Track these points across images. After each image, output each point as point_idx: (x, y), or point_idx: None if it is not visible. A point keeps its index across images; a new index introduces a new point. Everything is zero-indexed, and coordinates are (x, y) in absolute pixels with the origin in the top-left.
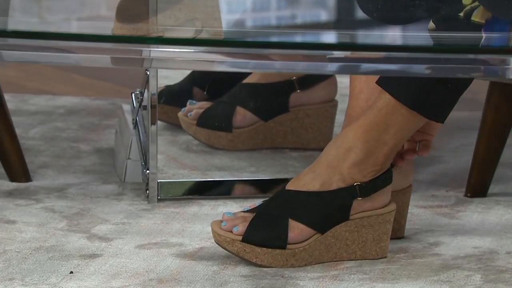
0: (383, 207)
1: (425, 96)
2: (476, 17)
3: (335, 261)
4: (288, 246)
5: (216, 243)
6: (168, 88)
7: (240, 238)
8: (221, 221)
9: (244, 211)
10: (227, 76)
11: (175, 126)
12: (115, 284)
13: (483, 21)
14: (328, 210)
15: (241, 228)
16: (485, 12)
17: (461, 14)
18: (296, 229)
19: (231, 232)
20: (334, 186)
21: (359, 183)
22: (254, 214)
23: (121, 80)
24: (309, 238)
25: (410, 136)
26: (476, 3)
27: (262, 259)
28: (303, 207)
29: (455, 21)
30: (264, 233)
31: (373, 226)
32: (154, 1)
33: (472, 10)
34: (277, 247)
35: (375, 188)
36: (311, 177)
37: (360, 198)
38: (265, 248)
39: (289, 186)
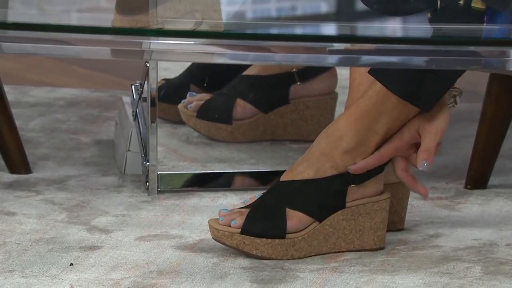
0: (377, 195)
1: (416, 85)
2: (476, 4)
3: (334, 252)
4: (287, 236)
5: (215, 239)
6: (165, 85)
7: (239, 230)
8: (218, 218)
9: (241, 208)
10: (225, 70)
11: (172, 122)
12: (115, 276)
13: (483, 7)
14: (324, 197)
15: (239, 221)
16: None
17: (461, 1)
18: (295, 217)
19: (230, 226)
20: (328, 173)
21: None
22: (251, 208)
23: (121, 72)
24: (307, 227)
25: (401, 125)
26: None
27: (262, 250)
28: (299, 195)
29: (455, 9)
30: (263, 224)
31: (369, 213)
32: None
33: None
34: (276, 237)
35: (369, 175)
36: (305, 166)
37: (353, 185)
38: (264, 239)
39: (284, 177)
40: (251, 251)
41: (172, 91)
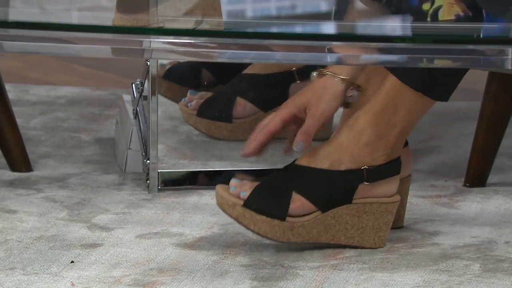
0: (387, 197)
1: (429, 77)
2: (443, 17)
3: (333, 244)
4: (288, 219)
5: (218, 205)
6: (177, 66)
7: (242, 202)
8: (228, 186)
9: (253, 180)
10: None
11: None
12: (116, 274)
13: (453, 17)
14: (332, 189)
15: (248, 193)
16: (451, 8)
17: (428, 19)
18: (298, 202)
19: (238, 197)
20: (343, 167)
21: (367, 167)
22: (259, 183)
23: (121, 70)
24: (309, 214)
25: (420, 117)
26: (437, 5)
27: (259, 227)
28: (308, 183)
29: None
30: (266, 201)
31: (374, 214)
32: None
33: (436, 12)
34: (276, 217)
35: (383, 175)
36: (321, 155)
37: (366, 183)
38: (264, 217)
39: (300, 161)
40: (249, 225)
41: (183, 73)
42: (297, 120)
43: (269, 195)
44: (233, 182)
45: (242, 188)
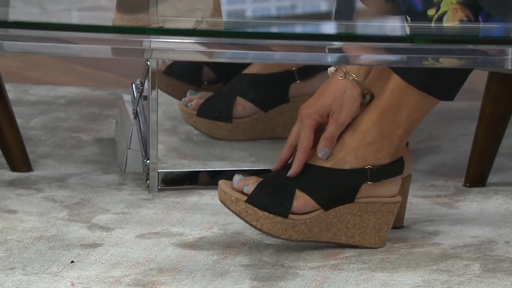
0: (390, 197)
1: (433, 76)
2: (448, 22)
3: (334, 243)
4: (290, 216)
5: (220, 201)
6: (179, 62)
7: (245, 198)
8: (231, 182)
9: (259, 176)
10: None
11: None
12: (116, 273)
13: (457, 22)
14: (335, 188)
15: (251, 188)
16: (456, 14)
17: (432, 24)
18: (302, 199)
19: (242, 192)
20: (346, 166)
21: (370, 167)
22: (263, 179)
23: (121, 70)
24: (312, 212)
25: (424, 116)
26: (442, 10)
27: (262, 223)
28: (312, 180)
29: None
30: (270, 198)
31: (376, 213)
32: None
33: (441, 17)
34: (279, 214)
35: (385, 175)
36: None
37: (369, 183)
38: (267, 213)
39: None
40: (251, 221)
41: (184, 70)
42: (320, 126)
43: (273, 191)
44: (237, 176)
45: (246, 182)
